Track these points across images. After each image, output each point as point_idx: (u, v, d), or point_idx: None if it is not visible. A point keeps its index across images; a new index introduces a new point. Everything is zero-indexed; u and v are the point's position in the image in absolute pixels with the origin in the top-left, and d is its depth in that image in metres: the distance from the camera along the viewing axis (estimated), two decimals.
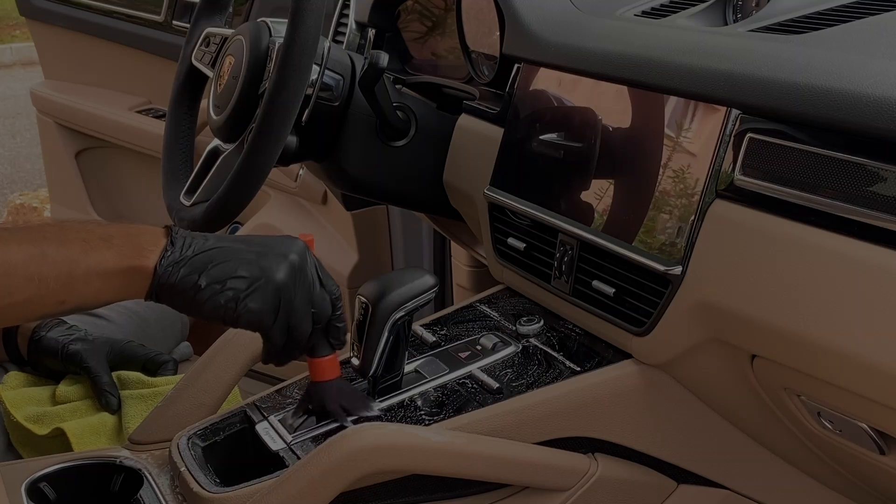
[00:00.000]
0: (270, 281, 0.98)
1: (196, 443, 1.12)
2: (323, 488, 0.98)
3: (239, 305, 0.97)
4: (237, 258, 0.98)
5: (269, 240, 1.02)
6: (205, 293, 0.96)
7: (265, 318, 0.99)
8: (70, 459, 1.13)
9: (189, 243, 0.98)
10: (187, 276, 0.96)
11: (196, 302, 0.97)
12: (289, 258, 1.00)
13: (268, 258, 0.99)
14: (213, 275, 0.96)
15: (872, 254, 0.85)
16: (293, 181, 2.20)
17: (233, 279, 0.97)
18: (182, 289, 0.96)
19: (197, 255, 0.97)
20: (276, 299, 0.99)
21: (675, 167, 1.05)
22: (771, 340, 0.95)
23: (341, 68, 1.36)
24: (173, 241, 0.97)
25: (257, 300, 0.98)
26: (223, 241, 0.99)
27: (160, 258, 0.96)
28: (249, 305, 0.98)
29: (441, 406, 1.11)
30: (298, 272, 1.00)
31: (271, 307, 0.99)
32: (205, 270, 0.96)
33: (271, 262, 0.99)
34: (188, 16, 2.40)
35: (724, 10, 1.20)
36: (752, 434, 1.15)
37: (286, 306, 0.99)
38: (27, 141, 5.53)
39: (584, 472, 1.10)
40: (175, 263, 0.96)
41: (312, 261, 1.03)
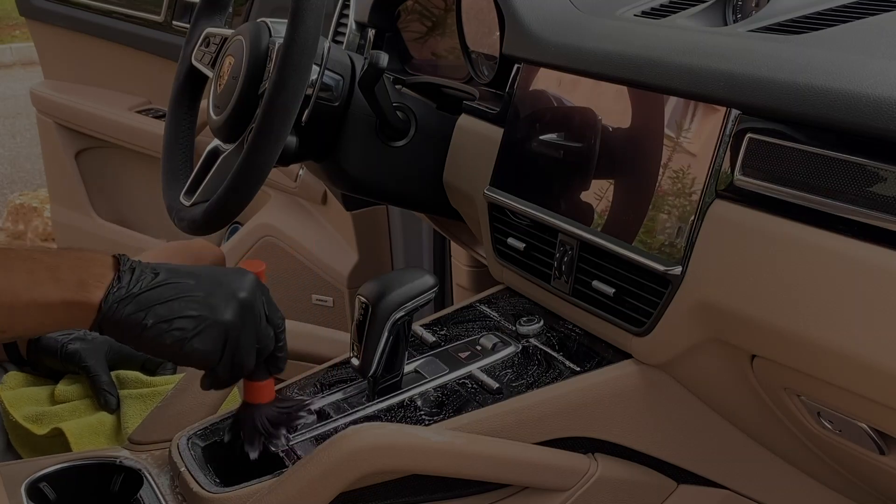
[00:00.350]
0: (218, 321, 0.96)
1: (196, 443, 1.12)
2: (323, 488, 0.98)
3: (185, 346, 0.96)
4: (185, 297, 0.96)
5: (221, 275, 1.00)
6: (150, 332, 0.94)
7: (211, 358, 0.98)
8: (70, 459, 1.13)
9: (137, 277, 0.95)
10: (133, 315, 0.94)
11: (142, 339, 0.95)
12: (238, 297, 0.98)
13: (216, 297, 0.97)
14: (160, 314, 0.95)
15: (872, 254, 0.85)
16: (293, 181, 2.20)
17: (179, 319, 0.95)
18: (127, 326, 0.94)
19: (144, 292, 0.95)
20: (222, 339, 0.97)
21: (674, 167, 1.05)
22: (771, 340, 0.95)
23: (341, 68, 1.36)
24: (120, 276, 0.95)
25: (204, 341, 0.96)
26: (173, 275, 0.97)
27: (106, 293, 0.94)
28: (195, 346, 0.96)
29: (441, 406, 1.11)
30: (247, 311, 0.98)
31: (217, 347, 0.97)
32: (151, 309, 0.94)
33: (219, 302, 0.97)
34: (188, 16, 2.40)
35: (724, 10, 1.20)
36: (752, 434, 1.15)
37: (232, 345, 0.98)
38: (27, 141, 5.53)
39: (584, 472, 1.10)
40: (121, 300, 0.94)
41: (261, 294, 1.01)
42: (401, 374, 1.14)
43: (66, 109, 2.73)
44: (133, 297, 0.94)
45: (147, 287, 0.95)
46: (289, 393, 1.19)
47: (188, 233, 1.31)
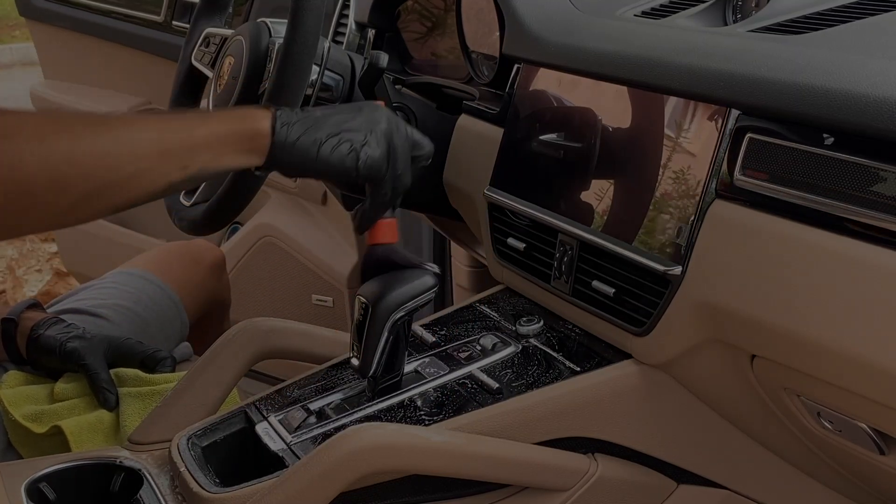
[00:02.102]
0: (379, 129, 1.04)
1: (196, 443, 1.12)
2: (323, 488, 0.98)
3: (361, 153, 1.03)
4: (343, 114, 1.04)
5: (357, 103, 1.09)
6: (325, 147, 1.01)
7: (382, 166, 1.05)
8: (70, 459, 1.13)
9: (294, 110, 1.03)
10: (304, 133, 1.01)
11: (318, 158, 1.01)
12: (383, 110, 1.06)
13: (368, 111, 1.05)
14: (329, 129, 1.02)
15: (872, 254, 0.85)
16: (293, 181, 2.20)
17: (347, 131, 1.02)
18: (302, 146, 1.01)
19: (307, 115, 1.02)
20: (386, 144, 1.05)
21: (674, 167, 1.05)
22: (771, 340, 0.95)
23: (341, 68, 1.36)
24: (279, 110, 1.02)
25: (374, 147, 1.03)
26: (319, 108, 1.05)
27: (273, 120, 1.00)
28: (369, 153, 1.03)
29: (441, 406, 1.11)
30: (395, 121, 1.07)
31: (385, 154, 1.04)
32: (320, 126, 1.02)
33: (373, 114, 1.05)
34: (188, 16, 2.40)
35: (724, 10, 1.20)
36: (752, 434, 1.15)
37: (393, 153, 1.05)
38: None
39: (584, 472, 1.10)
40: (290, 123, 1.01)
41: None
42: (401, 374, 1.14)
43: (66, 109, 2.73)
44: (299, 119, 1.01)
45: (306, 112, 1.03)
46: (288, 393, 1.19)
47: (188, 233, 1.31)
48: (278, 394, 1.19)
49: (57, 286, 3.41)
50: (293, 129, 1.01)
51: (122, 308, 1.53)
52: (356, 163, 1.03)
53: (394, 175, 1.06)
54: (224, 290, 1.74)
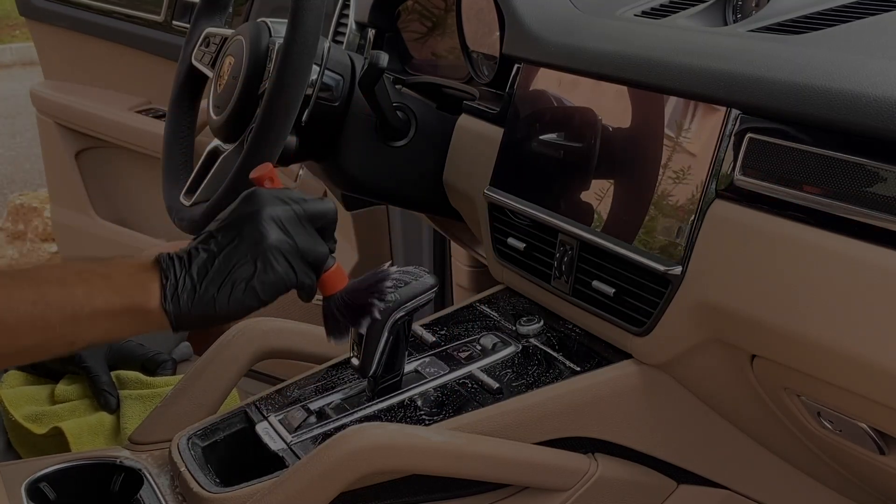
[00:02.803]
0: (265, 246, 0.94)
1: (196, 443, 1.12)
2: (323, 488, 0.98)
3: (258, 286, 0.94)
4: (225, 250, 0.94)
5: (234, 212, 0.97)
6: (221, 300, 0.93)
7: (286, 277, 0.96)
8: (70, 459, 1.13)
9: (180, 267, 0.93)
10: (195, 299, 0.93)
11: (219, 313, 0.94)
12: (262, 216, 0.95)
13: (248, 230, 0.95)
14: (216, 278, 0.93)
15: (872, 254, 0.85)
16: (293, 181, 2.20)
17: (234, 270, 0.94)
18: (199, 311, 0.93)
19: (194, 275, 0.93)
20: (282, 256, 0.95)
21: (674, 167, 1.05)
22: (771, 340, 0.95)
23: (341, 68, 1.36)
24: (165, 274, 0.93)
25: (268, 271, 0.94)
26: (200, 248, 0.95)
27: (161, 296, 0.92)
28: (266, 279, 0.94)
29: (441, 406, 1.11)
30: (279, 221, 0.96)
31: (284, 266, 0.95)
32: (208, 285, 0.93)
33: (253, 230, 0.95)
34: (188, 16, 2.39)
35: (724, 10, 1.20)
36: (752, 434, 1.15)
37: (294, 253, 0.96)
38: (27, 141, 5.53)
39: (584, 472, 1.10)
40: (178, 296, 0.92)
41: (279, 197, 0.97)
42: (401, 374, 1.14)
43: (66, 109, 2.73)
44: (186, 285, 0.92)
45: (192, 270, 0.93)
46: (288, 393, 1.19)
47: (188, 233, 1.31)
48: (278, 394, 1.19)
49: None
50: (183, 299, 0.92)
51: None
52: (258, 298, 0.94)
53: (305, 271, 0.97)
54: None
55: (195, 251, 0.94)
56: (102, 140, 2.70)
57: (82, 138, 2.74)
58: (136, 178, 2.72)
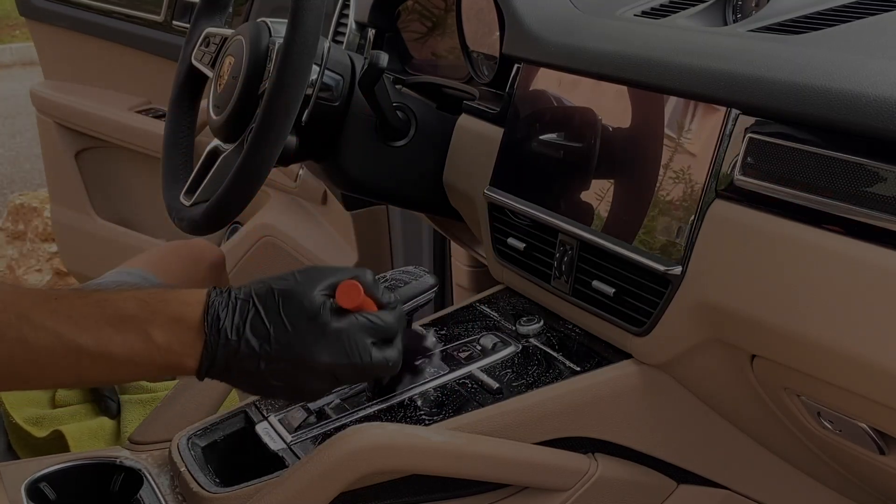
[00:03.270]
0: (303, 388, 0.90)
1: (196, 443, 1.12)
2: (323, 488, 0.98)
3: (294, 397, 0.99)
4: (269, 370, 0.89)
5: (297, 338, 0.89)
6: (255, 390, 0.92)
7: (326, 391, 0.92)
8: (70, 460, 1.13)
9: (224, 343, 0.88)
10: (232, 380, 0.90)
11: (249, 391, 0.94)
12: (320, 368, 0.89)
13: (296, 368, 0.89)
14: (254, 383, 0.90)
15: (872, 254, 0.85)
16: (293, 181, 2.20)
17: (272, 386, 0.90)
18: (234, 384, 0.92)
19: (232, 364, 0.88)
20: (325, 379, 0.90)
21: (675, 167, 1.05)
22: (771, 340, 0.95)
23: (341, 68, 1.36)
24: (207, 343, 0.88)
25: (308, 388, 0.91)
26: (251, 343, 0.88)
27: (199, 365, 0.88)
28: (304, 393, 0.93)
29: (441, 406, 1.11)
30: (336, 370, 0.90)
31: (325, 383, 0.91)
32: (245, 379, 0.90)
33: (298, 372, 0.89)
34: (188, 16, 2.40)
35: (724, 10, 1.20)
36: (752, 434, 1.15)
37: (344, 379, 0.92)
38: (27, 141, 5.53)
39: (584, 472, 1.10)
40: (213, 369, 0.89)
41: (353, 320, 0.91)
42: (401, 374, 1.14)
43: (66, 109, 2.73)
44: (223, 368, 0.88)
45: (228, 362, 0.88)
46: None
47: (188, 233, 1.31)
48: None
49: (57, 286, 3.41)
50: (220, 373, 0.89)
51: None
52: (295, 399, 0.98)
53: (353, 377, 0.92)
54: None
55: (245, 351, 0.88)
56: (102, 140, 2.70)
57: (82, 138, 2.75)
58: (136, 178, 2.73)
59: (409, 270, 1.14)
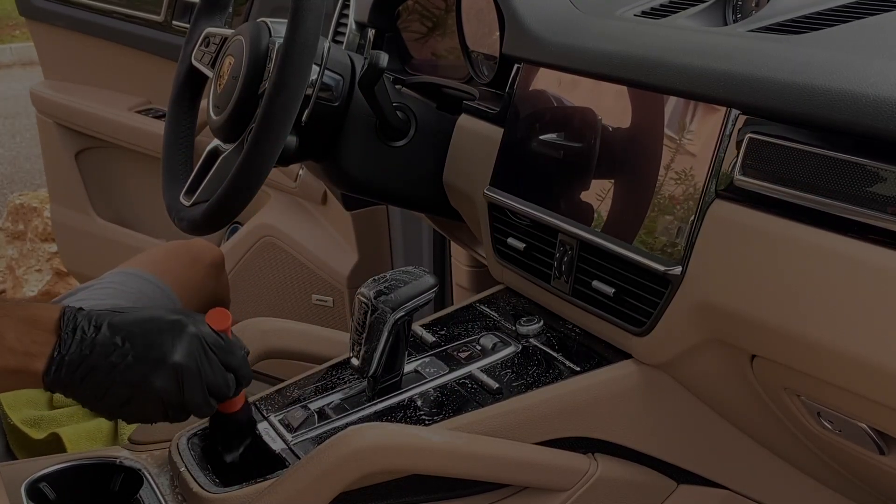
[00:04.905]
0: (151, 389, 0.95)
1: (196, 443, 1.12)
2: (323, 488, 0.98)
3: (125, 412, 0.97)
4: (117, 367, 0.94)
5: (156, 335, 0.96)
6: (90, 400, 0.95)
7: (154, 418, 0.98)
8: (70, 460, 1.13)
9: (78, 342, 0.94)
10: (72, 384, 0.94)
11: (86, 403, 0.96)
12: (169, 362, 0.95)
13: (147, 364, 0.95)
14: (96, 383, 0.94)
15: (872, 254, 0.85)
16: (293, 181, 2.20)
17: (114, 388, 0.95)
18: (70, 392, 0.95)
19: (81, 362, 0.94)
20: (160, 403, 0.96)
21: (674, 167, 1.05)
22: (771, 340, 0.95)
23: (341, 68, 1.36)
24: (61, 342, 0.94)
25: (140, 408, 0.96)
26: (110, 336, 0.95)
27: (47, 364, 0.93)
28: (133, 412, 0.97)
29: (441, 406, 1.11)
30: (183, 373, 0.96)
31: (157, 410, 0.97)
32: (88, 377, 0.94)
33: (150, 370, 0.95)
34: (188, 16, 2.40)
35: (724, 10, 1.20)
36: (752, 434, 1.15)
37: (174, 404, 0.96)
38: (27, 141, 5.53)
39: (584, 472, 1.10)
40: (61, 370, 0.93)
41: (200, 353, 0.98)
42: (401, 374, 1.14)
43: (66, 109, 2.73)
44: (73, 367, 0.93)
45: (81, 356, 0.94)
46: (288, 393, 1.19)
47: (188, 233, 1.31)
48: (278, 394, 1.19)
49: (57, 286, 3.41)
50: (64, 376, 0.93)
51: (120, 309, 1.52)
52: (122, 416, 0.98)
53: (179, 413, 0.98)
54: (223, 290, 1.74)
55: (101, 338, 0.94)
56: (102, 140, 2.70)
57: (82, 138, 2.75)
58: (136, 178, 2.73)
59: (409, 270, 1.14)
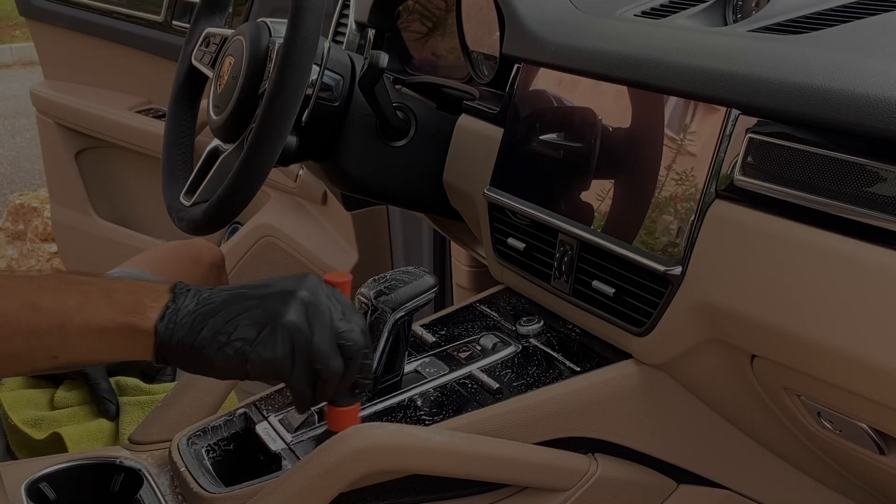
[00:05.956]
0: (279, 323, 0.89)
1: (196, 443, 1.12)
2: (323, 488, 0.98)
3: (250, 355, 0.88)
4: (240, 303, 0.89)
5: (277, 280, 0.93)
6: (210, 348, 0.88)
7: (281, 366, 0.89)
8: (70, 460, 1.13)
9: (192, 297, 0.90)
10: (188, 334, 0.88)
11: (202, 358, 0.88)
12: (297, 295, 0.90)
13: (274, 299, 0.90)
14: (216, 326, 0.88)
15: (872, 254, 0.85)
16: (293, 181, 2.20)
17: (238, 328, 0.88)
18: (186, 347, 0.88)
19: (199, 308, 0.89)
20: (288, 342, 0.89)
21: (674, 167, 1.05)
22: (771, 340, 0.95)
23: (341, 68, 1.36)
24: (175, 297, 0.89)
25: (268, 347, 0.88)
26: (227, 289, 0.91)
27: (160, 316, 0.88)
28: (261, 353, 0.88)
29: (441, 406, 1.11)
30: (312, 310, 0.90)
31: (285, 351, 0.89)
32: (206, 323, 0.88)
33: (278, 303, 0.90)
34: (188, 16, 2.40)
35: (724, 10, 1.20)
36: (752, 434, 1.15)
37: (302, 349, 0.89)
38: (27, 141, 5.53)
39: (584, 472, 1.10)
40: (176, 322, 0.88)
41: (330, 297, 0.93)
42: (401, 374, 1.14)
43: (66, 109, 2.73)
44: (188, 315, 0.88)
45: (202, 304, 0.89)
46: (288, 393, 1.19)
47: (188, 233, 1.31)
48: (278, 394, 1.19)
49: None
50: (179, 327, 0.87)
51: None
52: (243, 367, 0.88)
53: (304, 373, 0.90)
54: None
55: (217, 291, 0.90)
56: (102, 140, 2.71)
57: (82, 138, 2.75)
58: (136, 178, 2.73)
59: (409, 270, 1.14)
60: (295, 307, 0.90)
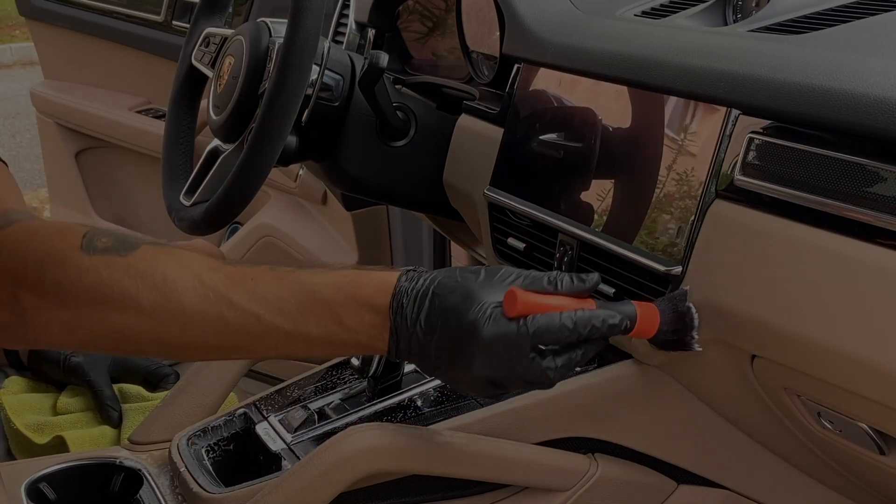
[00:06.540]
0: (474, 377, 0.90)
1: (196, 443, 1.12)
2: (323, 488, 0.98)
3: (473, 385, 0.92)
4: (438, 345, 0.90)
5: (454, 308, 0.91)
6: (440, 370, 0.93)
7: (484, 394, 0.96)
8: (70, 460, 1.14)
9: (407, 333, 0.91)
10: (422, 361, 0.93)
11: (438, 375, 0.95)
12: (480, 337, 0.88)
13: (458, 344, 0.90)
14: (433, 364, 0.92)
15: (872, 254, 0.85)
16: (293, 181, 2.20)
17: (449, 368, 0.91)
18: (421, 365, 0.94)
19: (421, 349, 0.91)
20: (475, 386, 0.92)
21: (674, 167, 1.05)
22: (771, 340, 0.95)
23: (341, 68, 1.36)
24: (396, 331, 0.91)
25: (471, 389, 0.94)
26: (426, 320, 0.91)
27: (389, 347, 0.92)
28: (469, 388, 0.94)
29: (441, 406, 1.11)
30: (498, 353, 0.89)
31: (478, 390, 0.93)
32: (438, 362, 0.91)
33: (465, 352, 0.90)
34: (188, 16, 2.40)
35: (724, 10, 1.20)
36: (752, 434, 1.15)
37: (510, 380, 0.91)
38: (27, 141, 5.53)
39: (584, 472, 1.10)
40: (402, 351, 0.92)
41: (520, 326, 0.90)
42: (401, 374, 1.14)
43: (66, 109, 2.73)
44: (408, 351, 0.91)
45: (414, 343, 0.91)
46: (288, 393, 1.19)
47: (188, 233, 1.31)
48: (278, 394, 1.19)
49: None
50: (407, 353, 0.92)
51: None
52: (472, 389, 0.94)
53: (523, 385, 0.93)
54: None
55: (421, 330, 0.91)
56: (102, 140, 2.71)
57: (82, 138, 2.75)
58: (136, 178, 2.73)
59: None
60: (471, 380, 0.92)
